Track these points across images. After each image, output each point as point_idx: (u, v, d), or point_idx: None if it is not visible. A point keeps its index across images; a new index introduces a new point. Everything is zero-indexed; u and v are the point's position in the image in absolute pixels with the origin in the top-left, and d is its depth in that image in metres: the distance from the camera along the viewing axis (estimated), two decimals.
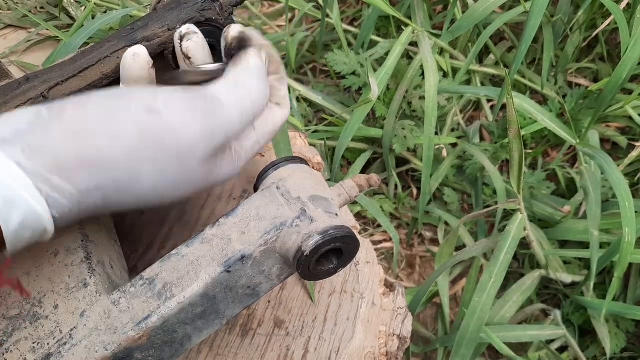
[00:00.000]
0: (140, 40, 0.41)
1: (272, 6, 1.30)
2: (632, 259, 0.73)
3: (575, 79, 1.11)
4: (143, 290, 0.35)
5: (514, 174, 0.66)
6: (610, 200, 0.88)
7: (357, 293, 0.54)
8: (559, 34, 0.99)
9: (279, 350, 0.49)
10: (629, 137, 1.03)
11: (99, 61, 0.41)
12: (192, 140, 0.33)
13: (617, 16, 0.84)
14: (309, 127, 0.98)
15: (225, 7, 0.43)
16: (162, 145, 0.33)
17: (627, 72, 0.79)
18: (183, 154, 0.33)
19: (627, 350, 0.88)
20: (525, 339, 0.81)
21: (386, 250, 1.04)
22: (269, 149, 0.64)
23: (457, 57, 1.05)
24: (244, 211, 0.37)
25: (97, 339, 0.33)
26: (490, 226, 1.02)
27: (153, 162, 0.33)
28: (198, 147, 0.34)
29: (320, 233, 0.35)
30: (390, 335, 0.54)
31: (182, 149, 0.33)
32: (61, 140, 0.31)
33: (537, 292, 0.93)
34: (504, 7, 1.03)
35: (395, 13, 0.91)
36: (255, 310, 0.51)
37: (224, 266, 0.35)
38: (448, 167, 1.01)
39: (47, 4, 0.84)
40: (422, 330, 0.92)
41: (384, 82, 0.91)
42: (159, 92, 0.34)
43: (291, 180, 0.39)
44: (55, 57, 0.68)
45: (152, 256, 0.53)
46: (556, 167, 1.02)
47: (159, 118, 0.33)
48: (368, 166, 1.06)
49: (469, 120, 1.12)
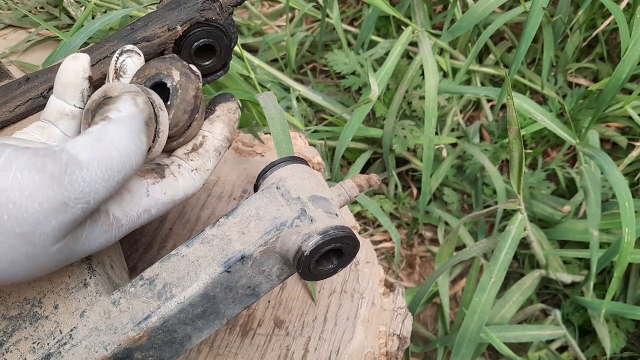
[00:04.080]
0: (140, 40, 0.41)
1: (272, 6, 1.30)
2: (631, 259, 0.73)
3: (575, 79, 1.11)
4: (143, 290, 0.35)
5: (514, 174, 0.66)
6: (610, 200, 0.88)
7: (357, 293, 0.54)
8: (559, 34, 0.99)
9: (279, 350, 0.49)
10: (628, 137, 1.03)
11: (99, 61, 0.41)
12: (38, 214, 0.27)
13: (617, 16, 0.84)
14: (309, 127, 0.98)
15: (225, 7, 0.43)
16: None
17: (627, 72, 0.79)
18: (27, 232, 0.27)
19: (627, 350, 0.88)
20: (525, 339, 0.81)
21: (386, 250, 1.04)
22: (270, 149, 0.65)
23: (457, 57, 1.05)
24: (244, 211, 0.37)
25: (97, 339, 0.33)
26: (490, 226, 1.02)
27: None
28: (47, 221, 0.27)
29: (320, 233, 0.35)
30: (390, 335, 0.54)
31: (25, 226, 0.26)
32: None
33: (537, 292, 0.94)
34: (504, 7, 1.03)
35: (395, 13, 0.91)
36: (255, 310, 0.51)
37: (224, 266, 0.35)
38: (448, 167, 1.01)
39: (47, 4, 0.84)
40: (422, 330, 0.92)
41: (384, 82, 0.91)
42: (4, 148, 0.27)
43: (291, 180, 0.39)
44: (55, 57, 0.68)
45: (152, 256, 0.53)
46: (556, 167, 1.02)
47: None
48: (368, 166, 1.06)
49: (469, 120, 1.12)
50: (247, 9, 1.22)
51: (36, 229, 0.27)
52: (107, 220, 0.31)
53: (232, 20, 0.44)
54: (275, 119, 0.59)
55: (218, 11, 0.43)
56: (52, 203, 0.27)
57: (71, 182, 0.27)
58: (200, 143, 0.40)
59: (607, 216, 0.84)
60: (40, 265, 0.28)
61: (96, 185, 0.28)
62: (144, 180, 0.35)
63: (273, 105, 0.61)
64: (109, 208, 0.32)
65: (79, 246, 0.30)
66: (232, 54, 0.45)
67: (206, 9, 0.42)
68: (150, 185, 0.35)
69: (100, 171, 0.29)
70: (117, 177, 0.30)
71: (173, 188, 0.37)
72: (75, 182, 0.28)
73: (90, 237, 0.31)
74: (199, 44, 0.42)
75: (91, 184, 0.28)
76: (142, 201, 0.34)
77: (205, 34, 0.42)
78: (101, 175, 0.29)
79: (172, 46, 0.42)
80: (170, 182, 0.37)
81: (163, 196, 0.36)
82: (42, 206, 0.27)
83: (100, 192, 0.29)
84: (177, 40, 0.42)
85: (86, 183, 0.28)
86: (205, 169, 0.39)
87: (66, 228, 0.28)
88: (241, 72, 0.83)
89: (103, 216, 0.31)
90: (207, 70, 0.45)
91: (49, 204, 0.27)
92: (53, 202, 0.27)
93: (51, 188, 0.27)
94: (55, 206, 0.27)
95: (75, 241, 0.30)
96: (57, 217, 0.27)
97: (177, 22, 0.42)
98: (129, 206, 0.33)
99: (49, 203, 0.27)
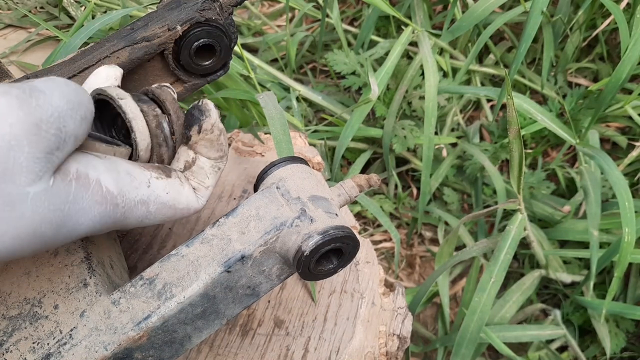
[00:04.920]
0: (140, 40, 0.41)
1: (272, 6, 1.30)
2: (632, 259, 0.73)
3: (575, 79, 1.11)
4: (143, 290, 0.35)
5: (514, 174, 0.66)
6: (610, 200, 0.88)
7: (357, 293, 0.54)
8: (559, 34, 0.99)
9: (279, 350, 0.49)
10: (628, 137, 1.03)
11: (99, 61, 0.41)
12: (9, 137, 0.25)
13: (617, 16, 0.84)
14: (309, 127, 0.98)
15: (225, 7, 0.43)
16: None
17: (627, 72, 0.79)
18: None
19: (627, 350, 0.88)
20: (525, 339, 0.81)
21: (386, 250, 1.04)
22: (270, 149, 0.65)
23: (457, 57, 1.05)
24: (244, 211, 0.37)
25: (97, 339, 0.33)
26: (490, 226, 1.02)
27: None
28: (20, 147, 0.25)
29: (320, 233, 0.35)
30: (390, 335, 0.54)
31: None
32: None
33: (537, 292, 0.94)
34: (504, 7, 1.03)
35: (395, 13, 0.91)
36: (255, 310, 0.51)
37: (224, 266, 0.35)
38: (448, 167, 1.01)
39: (47, 4, 0.84)
40: (422, 330, 0.92)
41: (384, 82, 0.91)
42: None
43: (291, 180, 0.39)
44: (55, 57, 0.68)
45: (152, 256, 0.53)
46: (556, 167, 1.02)
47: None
48: (368, 166, 1.06)
49: (469, 120, 1.12)
50: (247, 9, 1.22)
51: (9, 156, 0.25)
52: (99, 190, 0.30)
53: (232, 20, 0.44)
54: (275, 119, 0.59)
55: (218, 11, 0.43)
56: (23, 123, 0.25)
57: (39, 106, 0.26)
58: (193, 160, 0.38)
59: (607, 216, 0.84)
60: (20, 220, 0.26)
61: (63, 113, 0.27)
62: (147, 172, 0.34)
63: (273, 105, 0.61)
64: (100, 178, 0.30)
65: (69, 212, 0.28)
66: (232, 54, 0.45)
67: (206, 9, 0.42)
68: (153, 178, 0.34)
69: (63, 101, 0.27)
70: (80, 112, 0.28)
71: (177, 192, 0.35)
72: (43, 105, 0.26)
73: (80, 203, 0.29)
74: (199, 44, 0.43)
75: (59, 110, 0.27)
76: (142, 189, 0.33)
77: (205, 34, 0.42)
78: (65, 105, 0.27)
79: (172, 46, 0.42)
80: (175, 185, 0.35)
81: (165, 195, 0.34)
82: (14, 127, 0.25)
83: (69, 124, 0.27)
84: (177, 40, 0.42)
85: (54, 108, 0.27)
86: (204, 186, 0.38)
87: (42, 162, 0.26)
88: (241, 72, 0.83)
89: (93, 184, 0.29)
90: (207, 70, 0.45)
91: (19, 124, 0.25)
92: (24, 122, 0.25)
93: (20, 109, 0.25)
94: (27, 127, 0.25)
95: (60, 199, 0.27)
96: (30, 142, 0.25)
97: (177, 22, 0.42)
98: (126, 187, 0.32)
99: (20, 123, 0.25)
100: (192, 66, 0.44)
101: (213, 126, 0.37)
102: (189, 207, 0.36)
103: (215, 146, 0.37)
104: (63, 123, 0.27)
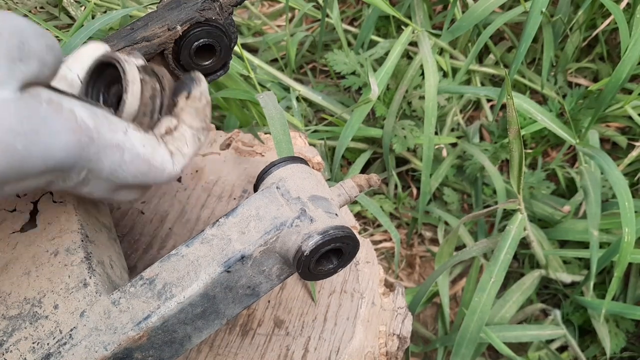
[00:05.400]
0: (140, 40, 0.41)
1: (272, 6, 1.30)
2: (631, 259, 0.73)
3: (575, 79, 1.11)
4: (143, 290, 0.35)
5: (514, 174, 0.66)
6: (610, 200, 0.88)
7: (357, 293, 0.54)
8: (558, 33, 0.99)
9: (279, 350, 0.49)
10: (628, 137, 1.03)
11: None
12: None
13: (617, 16, 0.84)
14: (309, 127, 0.98)
15: (225, 7, 0.43)
16: None
17: (627, 72, 0.79)
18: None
19: (627, 350, 0.88)
20: (525, 339, 0.81)
21: (386, 250, 1.04)
22: (270, 149, 0.65)
23: (457, 57, 1.05)
24: (244, 211, 0.37)
25: (97, 339, 0.33)
26: (490, 226, 1.02)
27: None
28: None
29: (320, 233, 0.35)
30: (390, 335, 0.54)
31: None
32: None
33: (537, 292, 0.94)
34: (504, 7, 1.03)
35: (395, 13, 0.91)
36: (255, 310, 0.51)
37: (224, 266, 0.35)
38: (448, 167, 1.01)
39: (47, 4, 0.84)
40: (422, 330, 0.92)
41: (384, 82, 0.91)
42: None
43: (291, 180, 0.39)
44: None
45: (152, 256, 0.53)
46: (556, 167, 1.02)
47: None
48: (368, 166, 1.06)
49: (469, 120, 1.12)
50: (247, 9, 1.22)
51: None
52: (73, 118, 0.30)
53: (232, 20, 0.44)
54: (275, 119, 0.59)
55: (218, 11, 0.43)
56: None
57: (2, 19, 0.27)
58: (175, 127, 0.37)
59: (607, 216, 0.84)
60: None
61: (26, 32, 0.28)
62: (125, 123, 0.34)
63: (273, 105, 0.61)
64: (74, 109, 0.30)
65: (40, 130, 0.28)
66: (232, 54, 0.45)
67: (206, 8, 0.42)
68: (130, 128, 0.34)
69: (26, 23, 0.28)
70: (45, 40, 0.29)
71: (153, 148, 0.35)
72: (6, 19, 0.27)
73: (52, 125, 0.28)
74: (199, 43, 0.43)
75: (21, 27, 0.28)
76: (118, 134, 0.32)
77: (205, 34, 0.42)
78: (29, 27, 0.28)
79: (172, 46, 0.42)
80: (152, 140, 0.35)
81: (141, 147, 0.34)
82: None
83: (32, 43, 0.28)
84: (177, 40, 0.42)
85: (15, 24, 0.27)
86: (182, 152, 0.37)
87: (3, 68, 0.27)
88: (241, 72, 0.83)
89: (67, 112, 0.29)
90: (207, 70, 0.45)
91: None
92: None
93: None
94: None
95: (28, 111, 0.27)
96: None
97: (177, 22, 0.42)
98: (102, 127, 0.31)
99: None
100: (192, 66, 0.44)
101: (202, 94, 0.38)
102: (163, 167, 0.36)
103: (200, 115, 0.38)
104: (25, 38, 0.27)
